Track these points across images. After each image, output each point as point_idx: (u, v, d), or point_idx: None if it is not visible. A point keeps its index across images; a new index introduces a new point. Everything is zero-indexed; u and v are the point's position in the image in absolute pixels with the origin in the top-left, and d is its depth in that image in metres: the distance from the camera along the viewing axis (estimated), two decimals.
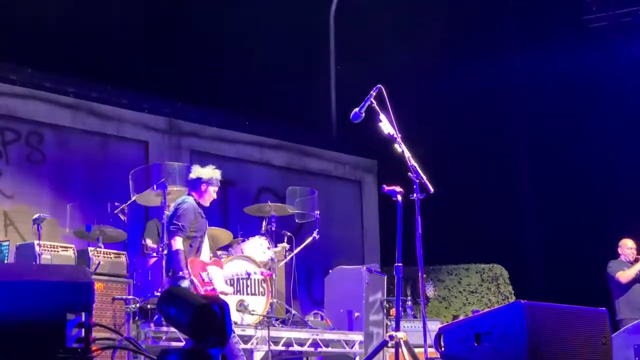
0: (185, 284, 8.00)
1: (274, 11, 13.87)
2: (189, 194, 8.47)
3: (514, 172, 14.84)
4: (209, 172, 8.43)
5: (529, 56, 14.06)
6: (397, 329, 6.66)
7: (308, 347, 9.53)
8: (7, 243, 8.74)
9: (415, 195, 6.67)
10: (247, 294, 9.21)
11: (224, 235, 9.96)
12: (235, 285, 9.05)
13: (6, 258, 8.54)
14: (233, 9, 13.51)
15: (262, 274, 9.17)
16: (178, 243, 8.13)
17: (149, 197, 9.34)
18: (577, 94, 13.87)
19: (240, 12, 13.58)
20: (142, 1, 13.01)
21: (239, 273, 9.02)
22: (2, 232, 10.63)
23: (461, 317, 11.54)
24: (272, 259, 9.57)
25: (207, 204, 8.52)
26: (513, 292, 13.83)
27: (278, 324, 9.40)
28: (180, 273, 8.08)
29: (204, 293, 8.04)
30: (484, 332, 5.57)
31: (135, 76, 12.37)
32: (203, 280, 8.19)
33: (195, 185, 8.42)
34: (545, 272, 14.17)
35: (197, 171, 8.45)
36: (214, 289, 8.19)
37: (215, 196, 8.54)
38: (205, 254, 8.52)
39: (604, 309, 5.95)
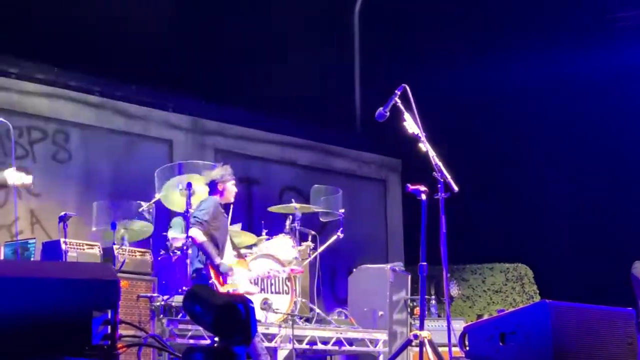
0: (224, 267, 8.09)
1: (299, 9, 13.87)
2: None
3: (539, 171, 14.75)
4: (220, 171, 8.53)
5: (555, 55, 13.98)
6: (422, 327, 6.67)
7: (332, 345, 9.53)
8: (33, 241, 8.80)
9: (439, 194, 6.67)
10: (271, 292, 9.23)
11: (248, 238, 9.97)
12: (259, 283, 9.06)
13: (33, 256, 8.60)
14: (256, 8, 13.53)
15: (292, 271, 9.22)
16: (200, 235, 8.16)
17: (174, 199, 9.40)
18: (604, 93, 13.77)
19: (264, 10, 13.59)
20: (168, 1, 13.06)
21: (263, 274, 9.04)
22: (28, 230, 10.70)
23: (485, 317, 11.50)
24: (296, 258, 9.58)
25: (231, 199, 8.61)
26: (538, 291, 13.76)
27: (302, 323, 9.41)
28: (217, 261, 8.16)
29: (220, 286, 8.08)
30: (509, 331, 5.56)
31: (160, 75, 12.41)
32: (225, 282, 8.21)
33: (213, 189, 8.50)
34: (570, 272, 14.07)
35: (208, 176, 8.56)
36: (235, 290, 8.20)
37: (235, 189, 8.60)
38: (229, 253, 8.52)
39: (631, 309, 5.91)
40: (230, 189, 8.56)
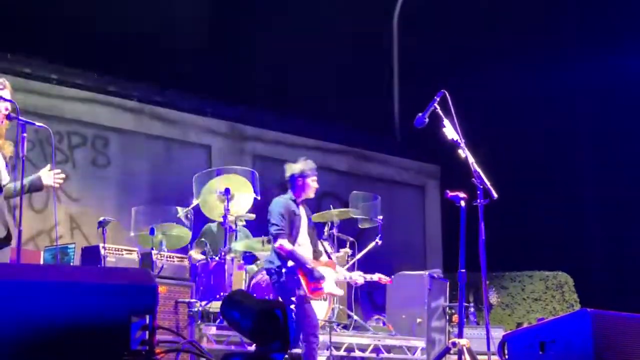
0: (318, 274, 7.92)
1: (338, 15, 13.87)
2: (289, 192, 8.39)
3: (579, 178, 14.61)
4: (300, 165, 8.35)
5: (597, 59, 13.82)
6: (460, 335, 6.60)
7: (369, 352, 9.48)
8: (73, 246, 8.88)
9: (478, 201, 6.61)
10: None
11: None
12: None
13: (72, 260, 8.66)
14: (295, 14, 13.55)
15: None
16: (286, 244, 7.91)
17: (212, 205, 9.42)
18: None
19: (303, 16, 13.60)
20: (206, 6, 13.12)
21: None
22: (68, 234, 10.79)
23: (525, 325, 11.39)
24: None
25: (311, 195, 8.34)
26: (578, 300, 13.61)
27: (340, 329, 9.37)
28: (309, 265, 7.89)
29: (307, 290, 7.84)
30: (549, 340, 5.49)
31: (198, 81, 12.48)
32: (313, 290, 7.99)
33: (292, 184, 8.30)
34: (611, 280, 13.92)
35: (289, 169, 8.36)
36: (321, 288, 8.00)
37: (316, 185, 8.36)
38: (304, 252, 8.26)
39: None
40: (310, 185, 8.35)
